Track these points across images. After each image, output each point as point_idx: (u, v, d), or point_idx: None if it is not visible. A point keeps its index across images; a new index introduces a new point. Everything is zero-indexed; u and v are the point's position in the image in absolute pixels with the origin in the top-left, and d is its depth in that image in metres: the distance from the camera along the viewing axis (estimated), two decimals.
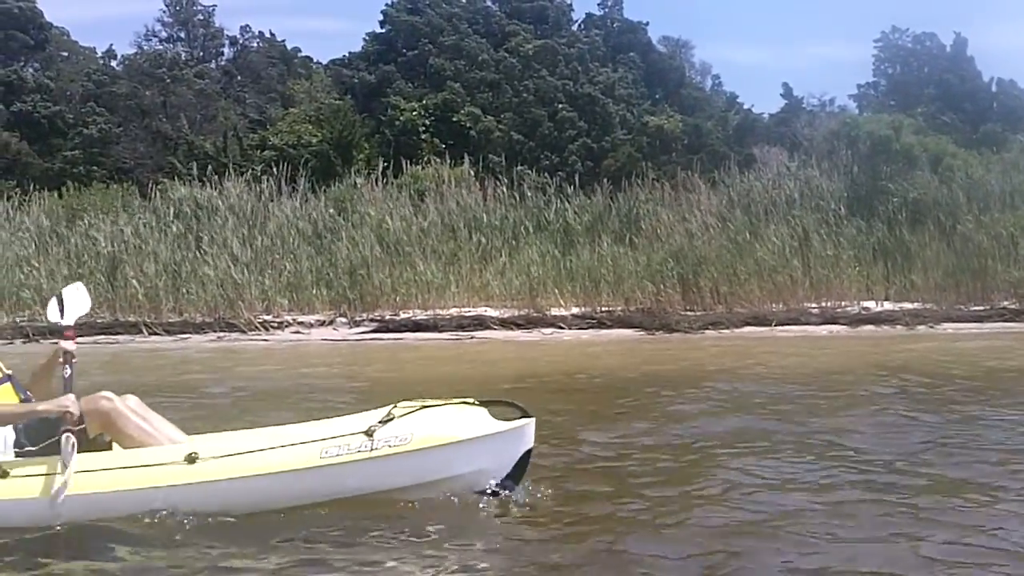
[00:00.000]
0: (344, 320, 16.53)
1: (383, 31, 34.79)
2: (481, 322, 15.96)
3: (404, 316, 16.39)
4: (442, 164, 22.45)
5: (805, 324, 15.63)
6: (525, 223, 18.94)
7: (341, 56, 36.85)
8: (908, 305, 16.46)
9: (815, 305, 16.42)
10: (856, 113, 31.48)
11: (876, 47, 39.96)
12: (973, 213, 17.96)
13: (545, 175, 23.06)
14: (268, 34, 43.07)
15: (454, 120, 29.33)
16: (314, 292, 17.13)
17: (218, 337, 15.86)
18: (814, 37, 71.94)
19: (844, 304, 16.45)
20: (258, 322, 16.29)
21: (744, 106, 31.70)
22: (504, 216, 19.15)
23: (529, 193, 19.89)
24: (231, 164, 24.20)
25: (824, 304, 16.43)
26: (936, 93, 31.64)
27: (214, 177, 20.26)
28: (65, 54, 41.06)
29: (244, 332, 16.03)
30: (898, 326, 15.46)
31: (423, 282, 16.97)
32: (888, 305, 16.51)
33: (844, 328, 15.39)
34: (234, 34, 42.41)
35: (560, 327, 15.75)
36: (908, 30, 39.31)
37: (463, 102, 29.82)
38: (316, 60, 42.12)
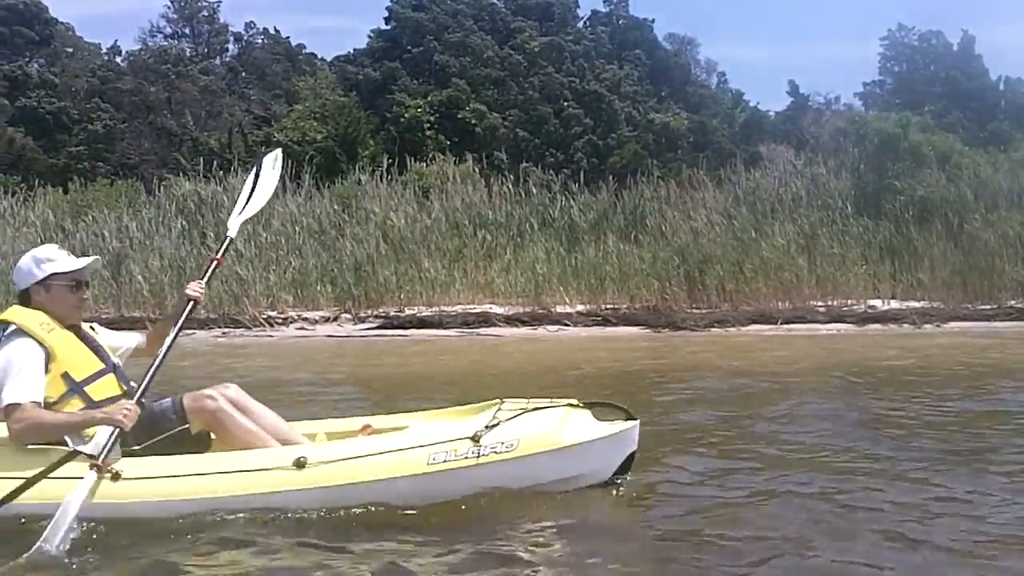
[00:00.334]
0: (349, 317, 16.50)
1: (388, 28, 34.78)
2: (486, 319, 15.92)
3: (409, 313, 16.36)
4: (447, 161, 22.43)
5: (811, 322, 15.57)
6: (530, 220, 18.89)
7: (346, 53, 36.88)
8: (915, 304, 16.40)
9: (821, 303, 16.35)
10: (862, 111, 31.41)
11: (882, 45, 39.94)
12: (980, 212, 17.91)
13: (550, 172, 23.05)
14: (273, 31, 43.12)
15: (459, 117, 29.32)
16: (319, 289, 17.10)
17: (223, 333, 15.83)
18: (819, 35, 71.83)
19: (850, 302, 16.38)
20: (263, 318, 16.27)
21: (750, 104, 31.67)
22: (509, 213, 19.10)
23: (534, 190, 19.86)
24: (236, 160, 24.20)
25: (830, 302, 16.37)
26: (943, 91, 31.58)
27: (219, 173, 20.24)
28: (70, 50, 41.09)
29: (249, 328, 16.00)
30: (905, 324, 15.40)
31: (428, 279, 16.93)
32: (895, 304, 16.45)
33: (851, 326, 15.33)
34: (239, 31, 42.48)
35: (565, 324, 15.71)
36: (914, 28, 39.29)
37: (468, 99, 29.80)
38: (320, 57, 42.14)
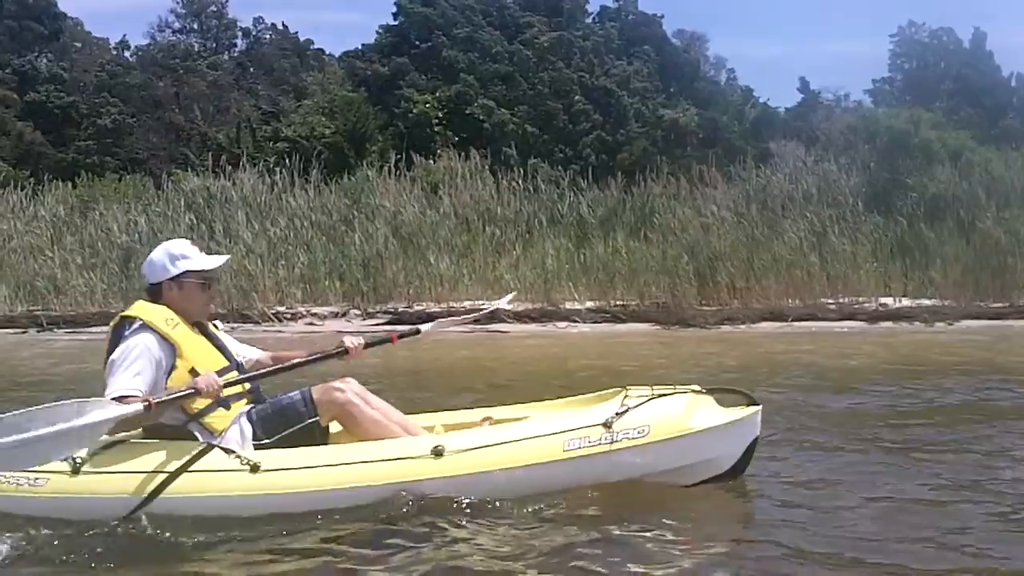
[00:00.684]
0: (357, 312, 16.46)
1: (396, 23, 34.73)
2: (494, 315, 15.86)
3: (417, 308, 16.31)
4: (454, 157, 22.36)
5: (822, 320, 15.48)
6: (539, 216, 18.83)
7: (354, 48, 36.85)
8: (926, 302, 16.29)
9: (832, 301, 16.26)
10: (872, 108, 31.28)
11: (892, 42, 39.80)
12: (992, 209, 17.78)
13: (559, 168, 22.98)
14: (281, 26, 43.14)
15: (467, 113, 29.26)
16: (327, 284, 17.07)
17: (231, 328, 15.78)
18: (828, 32, 71.60)
19: (861, 300, 16.29)
20: (271, 313, 16.24)
21: (760, 100, 31.56)
22: (518, 209, 19.04)
23: (543, 186, 19.79)
24: (244, 155, 24.19)
25: (841, 300, 16.28)
26: (954, 88, 31.46)
27: (227, 168, 20.21)
28: (79, 45, 41.16)
29: (258, 323, 15.97)
30: (916, 323, 15.31)
31: (436, 275, 16.89)
32: (906, 301, 16.35)
33: (862, 324, 15.25)
34: (247, 26, 42.52)
35: (575, 321, 15.65)
36: (925, 25, 39.12)
37: (476, 95, 29.74)
38: (329, 52, 42.15)
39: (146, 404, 4.03)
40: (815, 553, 3.77)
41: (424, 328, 5.00)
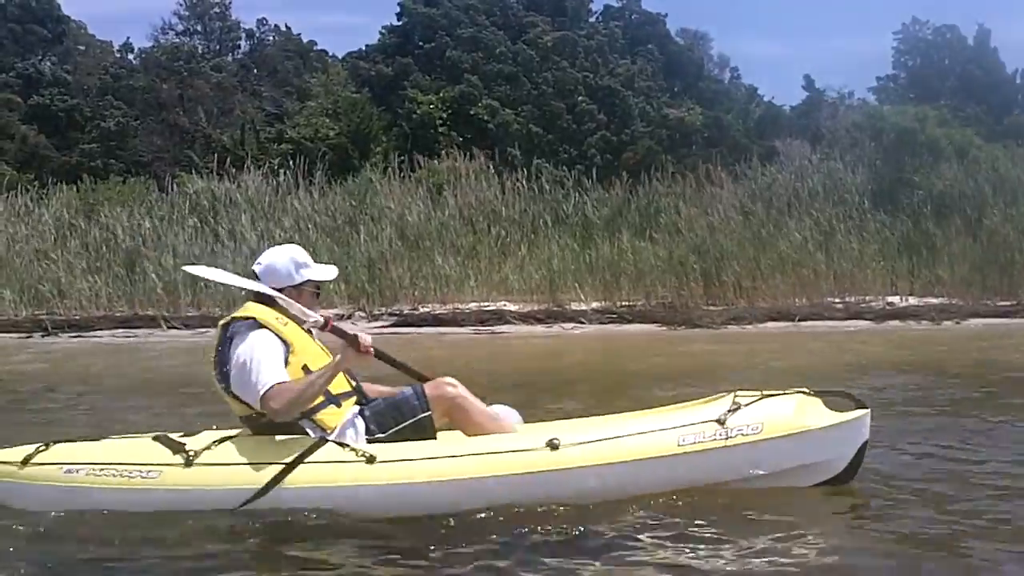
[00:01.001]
0: (363, 314, 16.42)
1: (400, 24, 34.66)
2: (500, 316, 15.81)
3: (423, 310, 16.27)
4: (459, 157, 22.30)
5: (829, 319, 15.42)
6: (544, 216, 18.78)
7: (358, 49, 36.78)
8: (933, 300, 16.21)
9: (839, 300, 16.19)
10: (876, 106, 31.18)
11: (896, 39, 39.62)
12: (999, 207, 17.69)
13: (563, 168, 22.91)
14: (284, 28, 43.07)
15: (471, 113, 29.20)
16: (332, 286, 17.01)
17: None
18: (831, 30, 71.36)
19: (868, 299, 16.22)
20: None
21: (765, 98, 31.46)
22: (523, 209, 19.00)
23: (547, 187, 19.73)
24: (248, 157, 24.15)
25: (848, 299, 16.21)
26: (958, 85, 31.34)
27: (231, 170, 20.18)
28: (82, 47, 41.14)
29: None
30: (924, 321, 15.23)
31: (442, 276, 16.84)
32: (913, 300, 16.27)
33: (869, 323, 15.17)
34: (250, 27, 42.44)
35: (581, 322, 15.60)
36: (928, 22, 38.96)
37: (480, 95, 29.67)
38: (332, 54, 42.08)
39: (326, 319, 4.32)
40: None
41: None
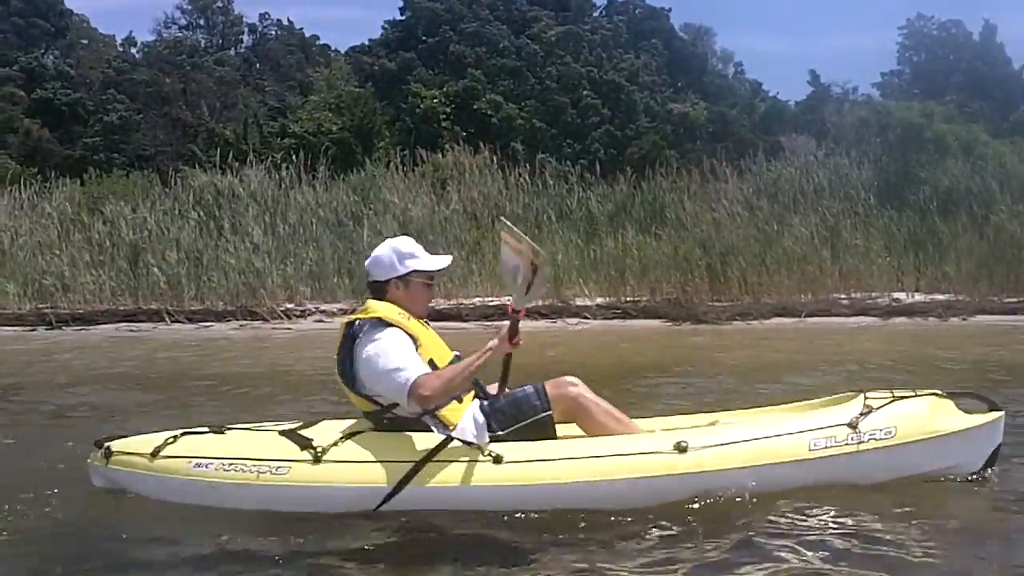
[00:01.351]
0: None
1: (403, 18, 34.63)
2: (505, 311, 15.72)
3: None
4: (462, 152, 22.25)
5: (835, 315, 15.35)
6: (548, 211, 18.71)
7: (360, 43, 36.75)
8: (940, 296, 16.14)
9: (844, 296, 16.12)
10: (882, 101, 31.11)
11: (901, 35, 39.59)
12: (1007, 203, 17.60)
13: (567, 163, 22.86)
14: (287, 22, 43.06)
15: (475, 108, 29.15)
16: (336, 281, 16.98)
17: (240, 326, 15.74)
18: (835, 25, 71.28)
19: (874, 295, 16.15)
20: (280, 311, 16.16)
21: (770, 94, 31.40)
22: (527, 204, 18.93)
23: (551, 181, 19.66)
24: (251, 151, 24.10)
25: (854, 295, 16.13)
26: (964, 81, 31.22)
27: (234, 164, 20.13)
28: (85, 41, 41.19)
29: (266, 320, 15.90)
30: (931, 318, 15.16)
31: (446, 271, 16.73)
32: (919, 296, 16.20)
33: (876, 320, 15.11)
34: (253, 22, 42.44)
35: (585, 317, 15.54)
36: (933, 18, 38.89)
37: (484, 89, 29.62)
38: (334, 49, 42.07)
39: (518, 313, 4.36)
40: None
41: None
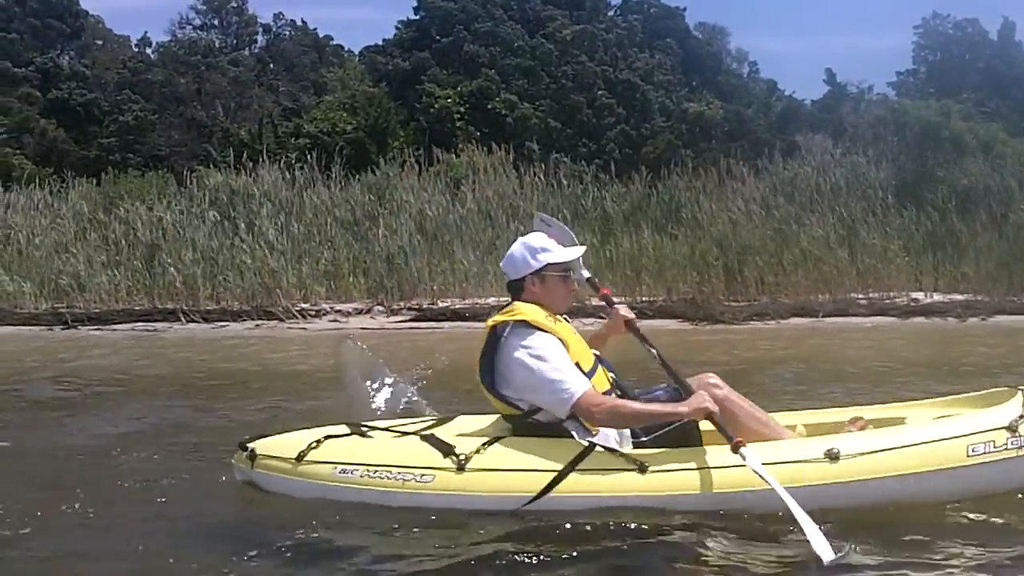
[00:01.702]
0: (381, 309, 16.35)
1: (417, 18, 34.60)
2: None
3: (443, 305, 16.18)
4: (476, 151, 22.21)
5: (853, 315, 15.24)
6: (563, 211, 18.64)
7: (374, 43, 36.76)
8: (958, 296, 16.01)
9: (862, 296, 16.00)
10: (899, 100, 30.91)
11: (916, 34, 39.36)
12: None
13: (582, 162, 22.80)
14: (300, 22, 43.13)
15: (489, 107, 29.10)
16: (351, 280, 16.98)
17: (256, 325, 15.75)
18: (849, 25, 70.96)
19: (892, 295, 16.03)
20: (296, 310, 16.16)
21: (786, 93, 31.24)
22: (542, 204, 18.86)
23: (565, 181, 19.60)
24: (265, 151, 24.13)
25: (872, 295, 16.02)
26: (982, 80, 30.98)
27: (249, 164, 20.15)
28: (100, 42, 41.37)
29: (282, 320, 15.91)
30: (949, 318, 15.04)
31: (461, 270, 16.75)
32: (938, 296, 16.07)
33: (893, 320, 14.99)
34: (267, 22, 42.52)
35: (601, 317, 15.41)
36: (949, 16, 38.65)
37: (498, 89, 29.57)
38: (348, 49, 42.13)
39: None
40: None
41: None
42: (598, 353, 4.48)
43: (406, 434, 4.52)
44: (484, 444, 4.25)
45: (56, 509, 4.48)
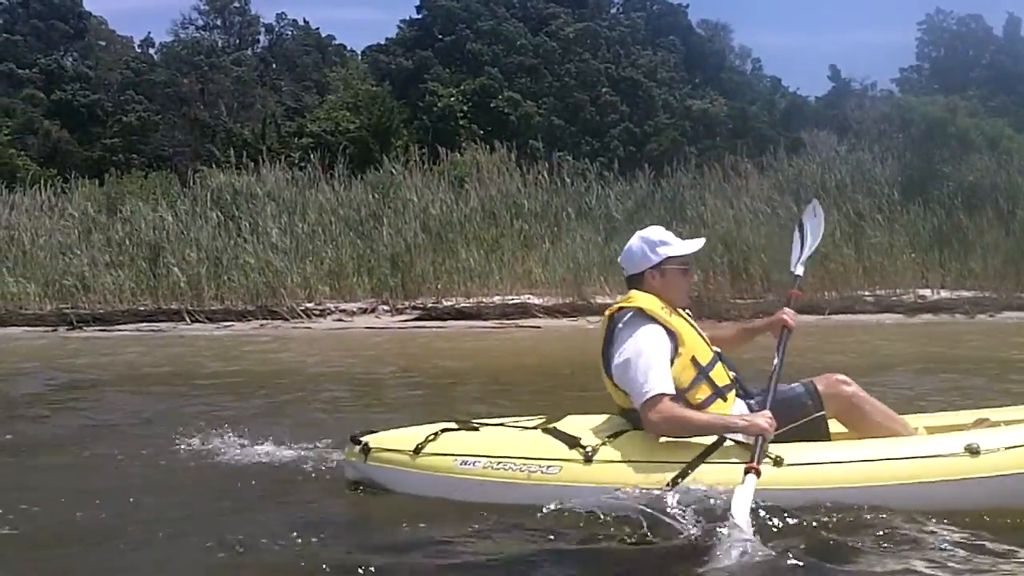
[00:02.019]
0: (386, 308, 16.32)
1: (420, 16, 34.56)
2: (525, 310, 15.68)
3: (447, 304, 16.15)
4: (480, 150, 22.16)
5: (859, 313, 15.19)
6: (567, 209, 18.59)
7: (377, 42, 36.73)
8: (965, 293, 15.94)
9: (869, 293, 15.94)
10: (903, 96, 30.81)
11: (920, 30, 39.24)
12: None
13: (586, 160, 22.74)
14: (303, 22, 43.11)
15: (492, 106, 29.04)
16: (355, 280, 16.94)
17: (260, 325, 15.73)
18: (852, 21, 70.80)
19: (899, 292, 15.96)
20: (300, 310, 16.13)
21: (790, 89, 31.14)
22: (546, 202, 18.82)
23: (569, 179, 19.53)
24: (268, 151, 24.10)
25: (878, 292, 15.95)
26: (986, 76, 30.86)
27: (252, 164, 20.13)
28: (103, 43, 41.36)
29: (286, 319, 15.88)
30: (957, 315, 14.98)
31: (465, 269, 16.71)
32: (945, 293, 16.00)
33: (900, 317, 14.94)
34: (270, 22, 42.51)
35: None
36: (953, 13, 38.55)
37: (501, 87, 29.51)
38: (351, 48, 42.10)
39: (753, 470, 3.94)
40: None
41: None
42: (718, 351, 4.34)
43: (525, 428, 4.44)
44: (610, 436, 4.18)
45: (71, 513, 4.33)
